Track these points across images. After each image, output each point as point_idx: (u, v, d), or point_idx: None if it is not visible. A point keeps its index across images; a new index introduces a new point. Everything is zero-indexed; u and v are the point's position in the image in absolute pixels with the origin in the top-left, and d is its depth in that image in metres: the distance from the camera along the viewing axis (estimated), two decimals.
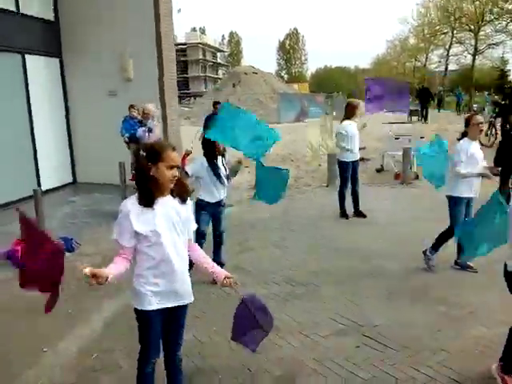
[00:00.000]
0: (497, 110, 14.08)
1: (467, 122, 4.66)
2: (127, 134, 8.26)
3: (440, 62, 44.37)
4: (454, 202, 4.74)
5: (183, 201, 2.56)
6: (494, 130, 14.07)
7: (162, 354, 2.72)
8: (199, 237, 4.80)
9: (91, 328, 4.03)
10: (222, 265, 4.96)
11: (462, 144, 4.64)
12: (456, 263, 4.91)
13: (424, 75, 52.89)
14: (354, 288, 4.59)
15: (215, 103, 10.93)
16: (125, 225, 2.45)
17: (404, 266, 5.09)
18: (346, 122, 6.92)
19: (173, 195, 2.53)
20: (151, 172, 2.43)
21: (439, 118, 25.12)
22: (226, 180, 4.79)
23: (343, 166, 7.09)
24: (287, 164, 12.03)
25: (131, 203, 2.48)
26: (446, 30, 38.48)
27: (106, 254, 5.15)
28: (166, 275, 2.51)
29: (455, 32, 36.79)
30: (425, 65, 51.40)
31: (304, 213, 7.51)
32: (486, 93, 31.84)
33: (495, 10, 27.62)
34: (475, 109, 30.61)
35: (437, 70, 50.05)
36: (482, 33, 32.62)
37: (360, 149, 7.28)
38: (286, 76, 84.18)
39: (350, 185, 7.14)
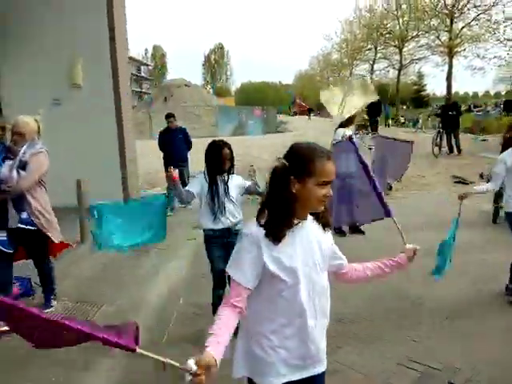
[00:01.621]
0: (440, 123, 14.38)
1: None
2: None
3: (365, 76, 46.03)
4: None
5: (326, 227, 1.82)
6: (440, 141, 14.35)
7: None
8: (219, 280, 3.84)
9: None
10: None
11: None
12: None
13: None
14: (410, 321, 3.92)
15: (168, 116, 9.13)
16: (249, 256, 1.71)
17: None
18: (342, 130, 6.35)
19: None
20: (293, 189, 1.69)
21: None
22: (232, 201, 3.76)
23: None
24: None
25: (258, 228, 1.70)
26: (370, 46, 40.01)
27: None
28: (299, 334, 1.75)
29: (380, 48, 38.34)
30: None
31: None
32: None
33: (421, 26, 28.95)
34: (404, 121, 31.99)
35: None
36: (405, 49, 34.23)
37: None
38: (211, 91, 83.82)
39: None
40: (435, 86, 57.14)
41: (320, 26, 64.67)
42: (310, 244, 1.78)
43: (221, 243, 3.76)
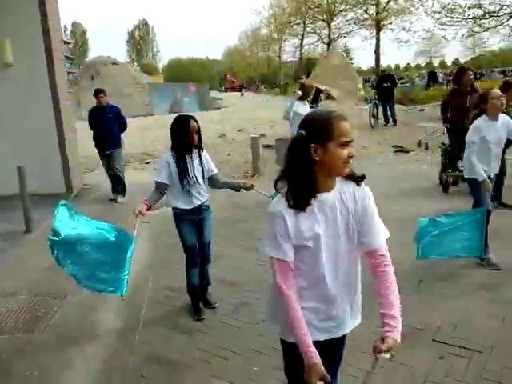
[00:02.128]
0: (376, 95, 14.80)
1: (485, 99, 4.25)
2: None
3: (295, 51, 46.40)
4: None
5: (360, 180, 1.80)
6: (376, 113, 14.82)
7: None
8: (191, 257, 3.77)
9: None
10: (208, 285, 4.02)
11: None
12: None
13: (280, 65, 55.13)
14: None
15: (98, 92, 7.72)
16: (280, 231, 1.71)
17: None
18: (300, 102, 6.44)
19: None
20: (316, 156, 1.68)
21: None
22: (202, 181, 3.63)
23: None
24: None
25: (279, 202, 1.73)
26: (298, 21, 40.18)
27: None
28: (319, 298, 1.79)
29: (309, 22, 38.62)
30: (279, 55, 53.48)
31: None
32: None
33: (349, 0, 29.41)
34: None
35: (291, 59, 52.45)
36: (334, 23, 34.70)
37: None
38: (138, 68, 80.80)
39: None
40: (363, 60, 58.81)
41: (248, 0, 64.07)
42: (335, 213, 1.74)
43: (191, 220, 3.68)
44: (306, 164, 1.69)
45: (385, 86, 14.24)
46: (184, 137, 3.48)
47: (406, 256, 3.78)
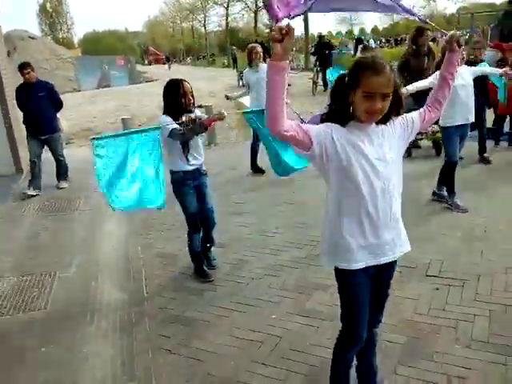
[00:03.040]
0: (317, 61, 15.13)
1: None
2: None
3: (220, 20, 45.70)
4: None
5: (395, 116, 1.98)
6: (317, 79, 15.18)
7: None
8: (193, 224, 3.82)
9: None
10: (211, 247, 4.10)
11: None
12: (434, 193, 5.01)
13: (205, 36, 54.06)
14: None
15: (23, 67, 6.59)
16: (322, 129, 1.88)
17: None
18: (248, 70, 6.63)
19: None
20: (350, 99, 1.85)
21: None
22: (200, 142, 3.72)
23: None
24: None
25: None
26: None
27: None
28: (365, 222, 1.94)
29: None
30: (204, 25, 52.40)
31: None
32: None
33: None
34: None
35: (217, 29, 51.66)
36: None
37: None
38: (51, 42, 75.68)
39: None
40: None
41: None
42: (376, 139, 1.91)
43: (192, 185, 3.70)
44: (343, 104, 1.87)
45: (324, 53, 14.57)
46: (180, 99, 3.48)
47: None
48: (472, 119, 4.71)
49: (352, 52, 22.96)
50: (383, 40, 38.94)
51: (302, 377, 2.59)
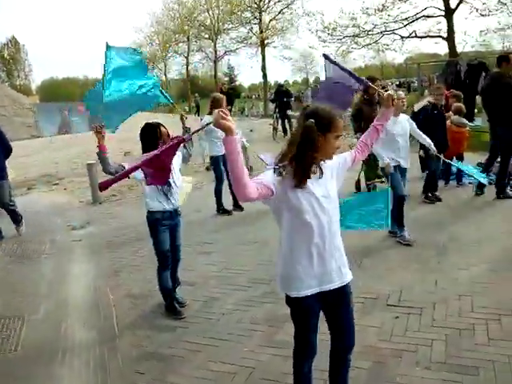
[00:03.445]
0: (276, 108, 15.75)
1: None
2: None
3: (181, 69, 46.68)
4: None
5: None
6: (276, 125, 15.74)
7: None
8: (164, 260, 3.95)
9: None
10: (178, 285, 4.23)
11: None
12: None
13: (166, 83, 55.01)
14: None
15: None
16: (272, 178, 2.09)
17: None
18: (207, 117, 6.87)
19: None
20: (318, 143, 2.09)
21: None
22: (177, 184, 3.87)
23: (216, 160, 6.92)
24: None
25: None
26: (184, 39, 40.58)
27: None
28: (312, 253, 2.20)
29: (194, 40, 39.17)
30: (165, 73, 53.36)
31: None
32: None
33: (233, 19, 30.45)
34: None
35: (177, 77, 52.71)
36: (219, 41, 35.65)
37: None
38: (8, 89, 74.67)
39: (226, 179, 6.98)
40: (251, 76, 60.86)
41: (130, 18, 62.87)
42: (323, 181, 2.19)
43: (168, 225, 3.88)
44: (313, 148, 2.07)
45: (283, 101, 15.20)
46: (158, 141, 3.66)
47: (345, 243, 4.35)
48: (405, 165, 5.18)
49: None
50: None
51: None
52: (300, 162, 2.07)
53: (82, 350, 3.56)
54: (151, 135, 3.72)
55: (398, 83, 21.19)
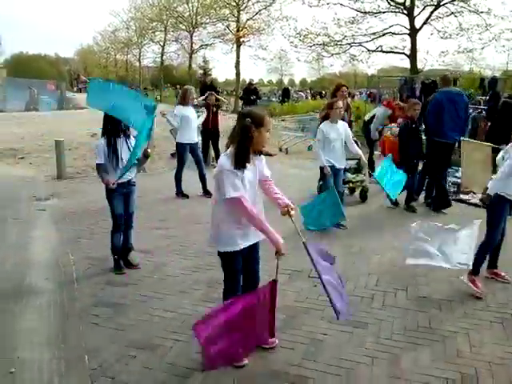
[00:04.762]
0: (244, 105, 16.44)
1: (331, 107, 5.82)
2: None
3: (155, 57, 46.60)
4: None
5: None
6: None
7: None
8: (117, 220, 4.57)
9: None
10: (131, 250, 4.81)
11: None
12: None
13: (140, 70, 54.71)
14: None
15: None
16: (234, 177, 2.85)
17: None
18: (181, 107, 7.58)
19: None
20: (253, 136, 2.82)
21: None
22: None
23: (183, 147, 7.54)
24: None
25: (227, 162, 2.86)
26: (161, 28, 40.64)
27: None
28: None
29: (171, 30, 39.30)
30: (139, 59, 53.10)
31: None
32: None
33: (212, 14, 30.91)
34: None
35: (151, 65, 52.52)
36: (196, 33, 35.96)
37: None
38: None
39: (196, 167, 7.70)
40: (225, 72, 61.24)
41: (107, 1, 61.98)
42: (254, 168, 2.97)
43: (121, 192, 4.53)
44: (250, 139, 2.83)
45: (251, 99, 15.89)
46: (114, 125, 4.33)
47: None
48: (339, 166, 5.94)
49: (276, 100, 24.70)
50: (309, 92, 41.76)
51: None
52: (241, 150, 2.82)
53: (44, 296, 4.11)
54: (113, 119, 4.30)
55: (368, 93, 22.25)
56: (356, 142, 7.80)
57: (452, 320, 3.72)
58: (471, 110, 11.67)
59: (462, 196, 7.72)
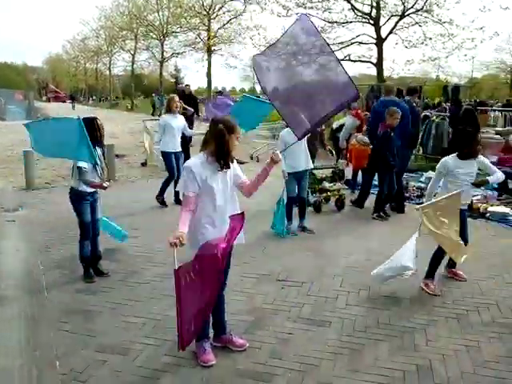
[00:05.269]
0: None
1: None
2: None
3: (126, 66, 46.41)
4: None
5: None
6: None
7: None
8: (85, 228, 4.63)
9: None
10: (100, 258, 4.87)
11: None
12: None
13: (110, 78, 54.30)
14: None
15: None
16: (192, 177, 3.07)
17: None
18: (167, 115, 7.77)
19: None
20: (228, 140, 3.01)
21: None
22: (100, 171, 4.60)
23: (167, 156, 7.64)
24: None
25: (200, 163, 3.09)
26: (132, 37, 40.55)
27: None
28: (216, 220, 3.16)
29: (141, 39, 39.26)
30: (109, 68, 52.73)
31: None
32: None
33: (182, 22, 31.08)
34: None
35: (121, 73, 52.23)
36: (167, 42, 36.10)
37: None
38: None
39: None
40: (198, 81, 61.16)
41: (76, 9, 61.37)
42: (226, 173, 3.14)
43: (90, 201, 4.62)
44: (226, 142, 3.02)
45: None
46: (95, 133, 4.46)
47: (251, 237, 5.21)
48: (302, 168, 6.20)
49: None
50: None
51: (171, 343, 3.45)
52: (222, 151, 3.03)
53: (14, 304, 4.14)
54: (90, 126, 4.40)
55: None
56: (331, 151, 8.15)
57: (411, 316, 3.92)
58: (434, 117, 12.16)
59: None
